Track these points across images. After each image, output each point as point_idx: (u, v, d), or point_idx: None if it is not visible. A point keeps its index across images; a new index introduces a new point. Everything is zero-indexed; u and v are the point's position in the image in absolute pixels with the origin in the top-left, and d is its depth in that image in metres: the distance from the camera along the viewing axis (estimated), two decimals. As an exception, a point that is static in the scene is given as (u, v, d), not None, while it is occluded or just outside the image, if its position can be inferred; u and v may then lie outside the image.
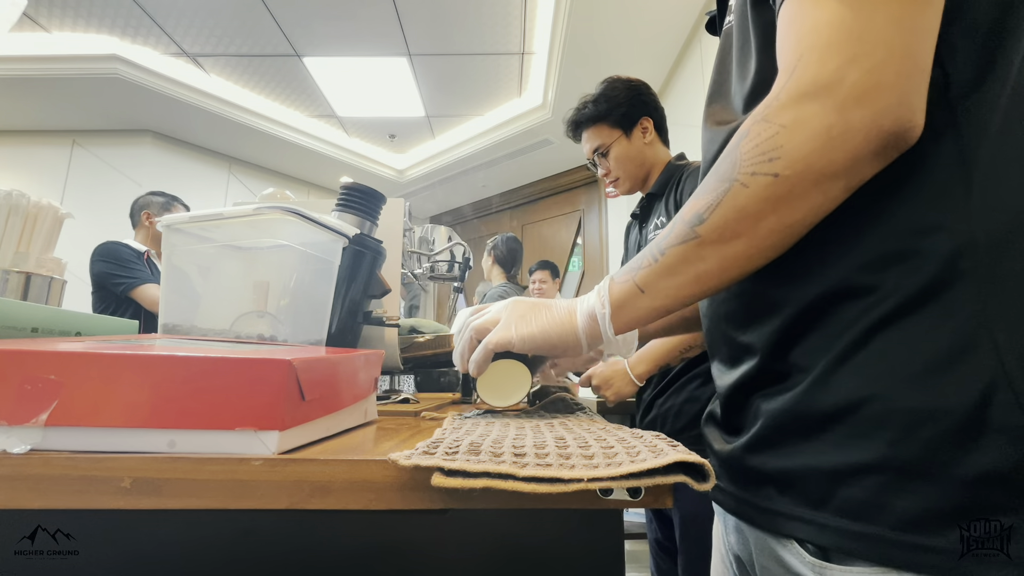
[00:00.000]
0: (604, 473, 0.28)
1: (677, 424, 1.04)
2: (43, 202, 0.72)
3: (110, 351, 0.31)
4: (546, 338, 0.44)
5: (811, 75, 0.31)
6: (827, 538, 0.32)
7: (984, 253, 0.30)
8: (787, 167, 0.32)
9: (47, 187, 3.49)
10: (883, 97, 0.30)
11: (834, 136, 0.30)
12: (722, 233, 0.35)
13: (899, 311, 0.32)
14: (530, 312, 0.46)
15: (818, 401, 0.34)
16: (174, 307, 0.59)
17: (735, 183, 0.34)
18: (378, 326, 0.77)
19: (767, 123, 0.33)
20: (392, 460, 0.29)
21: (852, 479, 0.32)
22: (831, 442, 0.33)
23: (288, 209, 0.56)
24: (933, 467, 0.29)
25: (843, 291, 0.34)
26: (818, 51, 0.31)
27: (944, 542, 0.28)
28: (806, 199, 0.32)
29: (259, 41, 2.93)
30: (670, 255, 0.37)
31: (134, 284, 1.84)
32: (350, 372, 0.45)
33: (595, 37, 2.67)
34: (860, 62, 0.30)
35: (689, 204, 0.37)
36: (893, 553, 0.30)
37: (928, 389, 0.30)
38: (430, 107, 3.65)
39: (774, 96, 0.33)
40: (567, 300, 0.47)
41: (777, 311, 0.37)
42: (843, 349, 0.33)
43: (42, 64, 2.97)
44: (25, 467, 0.28)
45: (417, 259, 1.28)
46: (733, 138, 0.35)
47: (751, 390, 0.40)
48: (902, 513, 0.30)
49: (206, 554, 0.40)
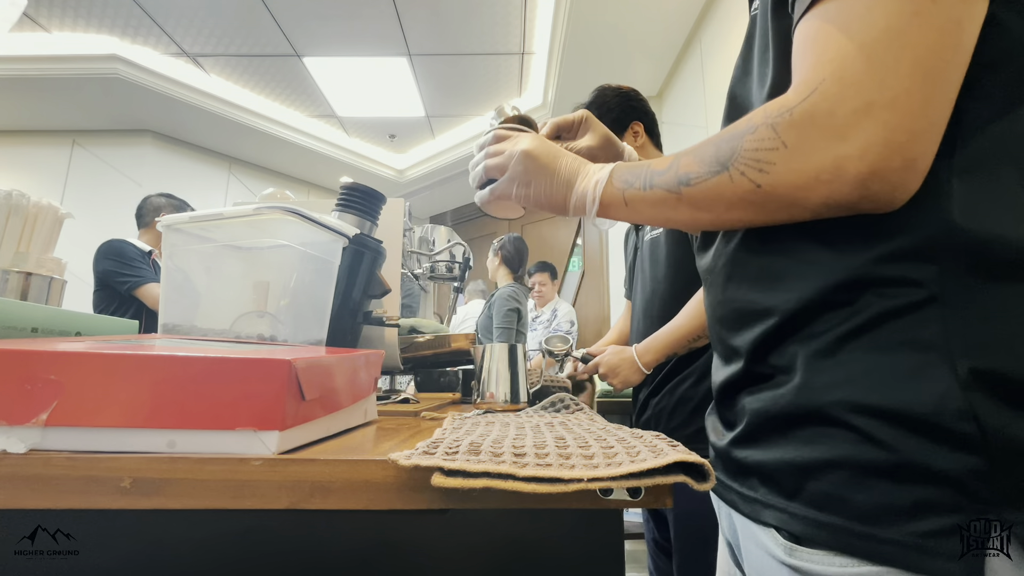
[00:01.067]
0: (604, 473, 0.28)
1: (671, 423, 1.04)
2: (43, 202, 0.72)
3: (110, 351, 0.31)
4: (539, 204, 0.52)
5: (827, 107, 0.32)
6: (797, 526, 0.35)
7: (951, 281, 0.33)
8: (770, 184, 0.35)
9: (47, 187, 3.49)
10: (887, 160, 0.31)
11: (822, 180, 0.33)
12: (698, 203, 0.39)
13: (868, 325, 0.34)
14: (534, 175, 0.52)
15: (793, 402, 0.37)
16: (174, 307, 0.59)
17: (726, 172, 0.37)
18: (378, 326, 0.77)
19: (774, 132, 0.34)
20: (392, 460, 0.29)
21: (819, 474, 0.35)
22: (803, 439, 0.36)
23: (288, 209, 0.56)
24: (889, 467, 0.32)
25: (821, 304, 0.36)
26: (839, 84, 0.32)
27: (896, 534, 0.31)
28: (771, 214, 0.36)
29: (259, 41, 2.93)
30: (655, 193, 0.42)
31: (139, 283, 1.84)
32: (350, 372, 0.45)
33: (595, 37, 2.67)
34: (878, 114, 0.31)
35: (688, 160, 0.40)
36: (852, 542, 0.33)
37: (888, 396, 0.33)
38: (430, 107, 3.65)
39: (788, 108, 0.34)
40: (568, 169, 0.51)
41: (762, 319, 0.40)
42: (817, 356, 0.36)
43: (42, 64, 2.97)
44: (25, 467, 0.28)
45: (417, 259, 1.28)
46: (745, 121, 0.37)
47: (739, 388, 0.44)
48: (860, 506, 0.33)
49: (206, 554, 0.40)
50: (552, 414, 0.63)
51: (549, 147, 0.53)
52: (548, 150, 0.52)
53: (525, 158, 0.52)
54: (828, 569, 0.33)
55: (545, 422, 0.53)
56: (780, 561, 0.37)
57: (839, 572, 0.33)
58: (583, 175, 0.49)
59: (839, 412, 0.34)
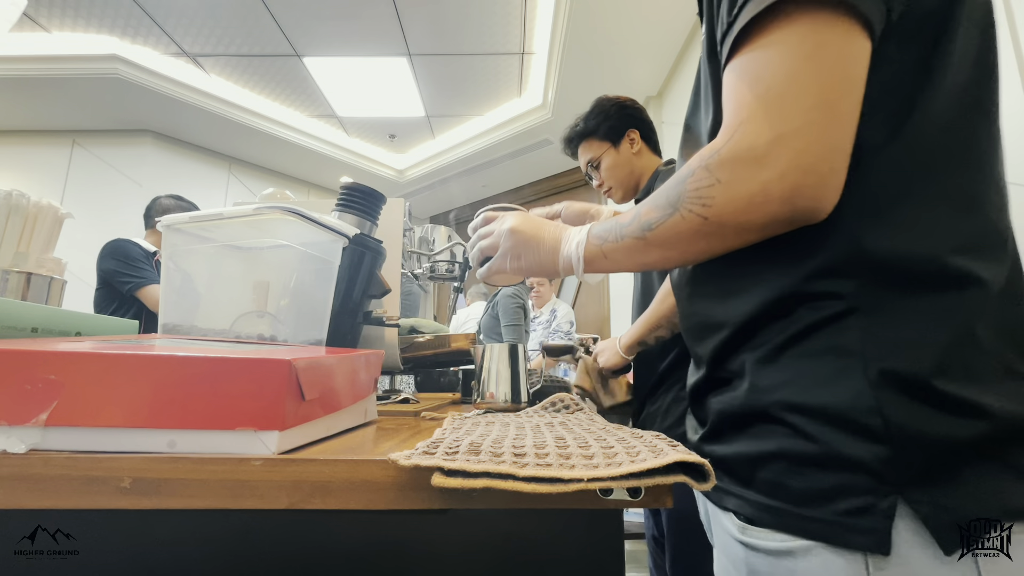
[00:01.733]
0: (604, 473, 0.28)
1: (664, 423, 1.08)
2: (43, 202, 0.72)
3: (110, 351, 0.31)
4: (531, 272, 0.58)
5: (747, 144, 0.37)
6: (749, 510, 0.42)
7: (867, 294, 0.38)
8: (715, 215, 0.39)
9: (47, 187, 3.49)
10: (803, 179, 0.36)
11: (756, 203, 0.37)
12: (663, 243, 0.44)
13: (800, 335, 0.40)
14: (522, 248, 0.57)
15: (745, 403, 0.43)
16: (174, 307, 0.59)
17: (677, 213, 0.42)
18: (378, 326, 0.77)
19: (708, 172, 0.39)
20: (392, 460, 0.29)
21: (765, 464, 0.40)
22: (753, 435, 0.42)
23: (288, 209, 0.56)
24: (817, 457, 0.38)
25: (764, 316, 0.42)
26: (754, 123, 0.37)
27: (822, 514, 0.37)
28: (726, 240, 0.41)
29: (259, 41, 2.93)
30: (627, 242, 0.47)
31: (141, 284, 1.84)
32: (350, 372, 0.45)
33: (595, 37, 2.67)
34: (788, 143, 0.36)
35: (647, 208, 0.45)
36: (789, 521, 0.38)
37: (816, 396, 0.38)
38: (430, 107, 3.64)
39: (716, 149, 0.39)
40: (551, 237, 0.56)
41: (718, 330, 0.46)
42: (761, 362, 0.42)
43: (42, 64, 2.97)
44: (25, 467, 0.28)
45: (417, 259, 1.28)
46: (685, 168, 0.42)
47: (705, 391, 0.49)
48: (796, 491, 0.38)
49: (206, 554, 0.40)
50: (552, 414, 0.63)
51: (532, 221, 0.58)
52: (531, 224, 0.58)
53: (512, 234, 0.58)
54: (770, 544, 0.40)
55: (545, 422, 0.53)
56: (736, 539, 0.43)
57: (779, 547, 0.39)
58: (565, 240, 0.54)
59: (778, 411, 0.40)
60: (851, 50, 0.37)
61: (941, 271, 0.37)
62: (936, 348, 0.36)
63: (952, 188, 0.38)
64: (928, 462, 0.35)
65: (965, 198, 0.38)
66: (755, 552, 0.41)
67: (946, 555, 0.34)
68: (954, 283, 0.37)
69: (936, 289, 0.37)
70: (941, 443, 0.35)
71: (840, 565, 0.36)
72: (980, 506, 0.34)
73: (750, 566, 0.41)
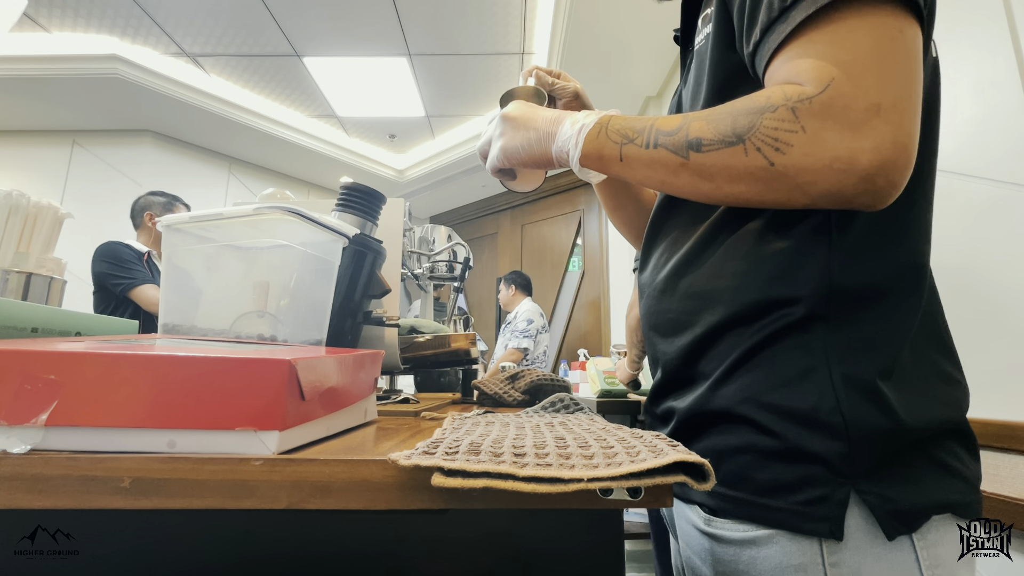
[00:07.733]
0: (604, 473, 0.28)
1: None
2: (43, 202, 0.72)
3: (110, 351, 0.31)
4: (525, 159, 0.51)
5: (842, 103, 0.33)
6: (714, 501, 0.44)
7: (835, 305, 0.40)
8: (783, 164, 0.35)
9: (47, 187, 3.49)
10: (895, 155, 0.33)
11: (835, 169, 0.34)
12: (704, 171, 0.39)
13: (771, 338, 0.42)
14: (514, 133, 0.52)
15: (712, 401, 0.44)
16: (174, 307, 0.59)
17: (741, 145, 0.37)
18: (378, 326, 0.77)
19: (794, 116, 0.35)
20: (392, 460, 0.29)
21: (730, 458, 0.42)
22: (719, 431, 0.44)
23: (288, 209, 0.56)
24: (781, 451, 0.40)
25: (738, 319, 0.44)
26: (849, 84, 0.33)
27: (784, 503, 0.39)
28: (774, 195, 0.37)
29: (259, 41, 2.93)
30: (659, 153, 0.41)
31: (132, 285, 1.84)
32: (350, 372, 0.45)
33: (595, 37, 2.67)
34: (886, 115, 0.33)
35: (700, 124, 0.39)
36: (753, 511, 0.41)
37: (781, 396, 0.41)
38: (430, 107, 3.64)
39: (808, 96, 0.35)
40: (546, 121, 0.50)
41: (691, 328, 0.47)
42: (733, 362, 0.43)
43: (42, 64, 2.97)
44: (25, 467, 0.28)
45: (417, 259, 1.28)
46: (762, 98, 0.37)
47: (668, 392, 0.51)
48: (760, 482, 0.41)
49: (206, 554, 0.40)
50: (552, 414, 0.63)
51: (528, 107, 0.53)
52: (526, 110, 0.52)
53: (504, 121, 0.53)
54: (734, 534, 0.42)
55: (545, 422, 0.53)
56: (701, 531, 0.45)
57: (742, 536, 0.41)
58: (570, 121, 0.48)
59: (746, 408, 0.42)
60: (920, 47, 0.35)
61: (893, 288, 0.41)
62: (884, 354, 0.40)
63: (905, 235, 0.43)
64: (876, 457, 0.38)
65: (912, 240, 0.43)
66: (720, 543, 0.43)
67: (888, 540, 0.37)
68: (898, 299, 0.41)
69: (887, 303, 0.41)
70: (885, 440, 0.38)
71: (797, 550, 0.39)
72: (912, 497, 0.38)
73: (715, 556, 0.44)
